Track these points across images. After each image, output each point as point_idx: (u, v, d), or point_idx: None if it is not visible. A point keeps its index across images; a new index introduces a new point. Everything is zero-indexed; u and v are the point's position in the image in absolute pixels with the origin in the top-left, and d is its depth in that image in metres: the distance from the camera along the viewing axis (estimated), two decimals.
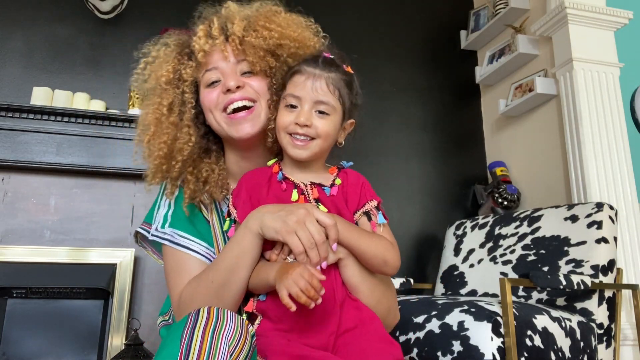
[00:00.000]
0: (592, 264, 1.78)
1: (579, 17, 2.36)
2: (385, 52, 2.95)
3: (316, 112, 0.94)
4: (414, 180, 2.83)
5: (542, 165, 2.56)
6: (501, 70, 2.79)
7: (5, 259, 2.12)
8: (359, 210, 0.96)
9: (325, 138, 0.95)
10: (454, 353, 1.46)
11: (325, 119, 0.94)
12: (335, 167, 1.02)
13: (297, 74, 0.96)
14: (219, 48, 1.01)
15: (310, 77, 0.94)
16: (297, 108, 0.94)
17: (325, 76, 0.95)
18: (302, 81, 0.94)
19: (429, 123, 2.96)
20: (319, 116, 0.94)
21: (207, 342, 0.68)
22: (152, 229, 1.03)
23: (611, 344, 1.76)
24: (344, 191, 0.98)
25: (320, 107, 0.94)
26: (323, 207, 0.94)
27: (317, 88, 0.93)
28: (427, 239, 2.76)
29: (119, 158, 2.23)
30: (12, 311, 2.12)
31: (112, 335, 2.13)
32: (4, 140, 2.13)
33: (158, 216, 1.04)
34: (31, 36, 2.42)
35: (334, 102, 0.95)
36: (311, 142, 0.94)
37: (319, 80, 0.94)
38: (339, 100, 0.96)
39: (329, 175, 1.00)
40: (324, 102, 0.94)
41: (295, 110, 0.94)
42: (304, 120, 0.92)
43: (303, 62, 0.97)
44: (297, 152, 0.95)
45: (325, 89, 0.94)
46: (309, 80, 0.94)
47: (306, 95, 0.94)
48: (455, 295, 2.13)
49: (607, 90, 2.34)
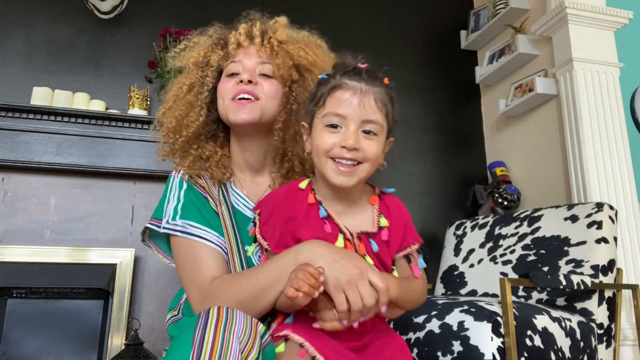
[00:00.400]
0: (592, 264, 1.78)
1: (579, 17, 2.36)
2: (385, 52, 2.95)
3: (362, 132, 0.85)
4: (414, 180, 2.83)
5: (542, 165, 2.56)
6: (501, 70, 2.79)
7: (5, 259, 2.12)
8: (400, 252, 0.91)
9: (373, 162, 0.86)
10: (454, 353, 1.46)
11: (373, 140, 0.85)
12: (376, 195, 0.95)
13: (339, 89, 0.86)
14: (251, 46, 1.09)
15: (357, 93, 0.85)
16: (340, 129, 0.85)
17: (373, 91, 0.86)
18: (347, 98, 0.85)
19: (429, 123, 2.96)
20: (366, 137, 0.85)
21: (218, 341, 0.69)
22: (163, 222, 1.05)
23: (611, 344, 1.76)
24: (394, 232, 0.91)
25: (367, 127, 0.85)
26: (370, 259, 0.88)
27: (365, 105, 0.84)
28: (427, 239, 2.74)
29: (119, 158, 2.23)
30: (12, 311, 2.12)
31: (112, 335, 2.13)
32: (4, 140, 2.13)
33: (168, 210, 1.06)
34: (31, 36, 2.42)
35: (382, 120, 0.86)
36: (358, 167, 0.85)
37: (366, 96, 0.85)
38: (385, 118, 0.87)
39: (369, 209, 0.92)
40: (372, 121, 0.85)
41: (339, 131, 0.85)
42: (353, 143, 0.83)
43: (343, 76, 0.87)
44: (342, 179, 0.85)
45: (374, 106, 0.85)
46: (355, 97, 0.85)
47: (353, 113, 0.84)
48: (455, 295, 2.13)
49: (607, 90, 2.34)
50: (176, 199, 1.06)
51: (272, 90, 1.06)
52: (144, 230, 1.11)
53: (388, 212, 0.93)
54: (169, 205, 1.06)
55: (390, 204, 0.94)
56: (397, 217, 0.93)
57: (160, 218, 1.06)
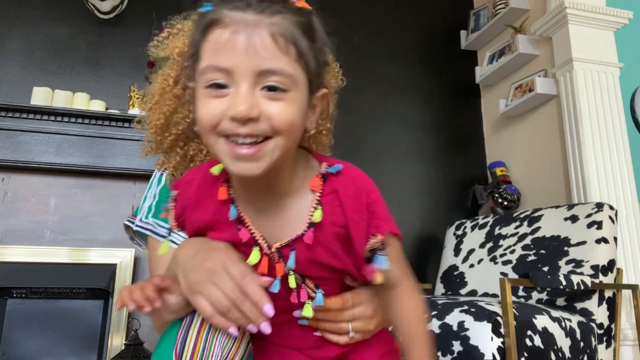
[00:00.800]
0: (592, 264, 1.78)
1: (579, 17, 2.36)
2: (385, 52, 2.95)
3: (263, 89, 0.56)
4: (414, 180, 2.83)
5: (542, 165, 2.56)
6: (501, 70, 2.79)
7: (5, 259, 2.12)
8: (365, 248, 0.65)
9: (288, 133, 0.58)
10: (454, 353, 1.45)
11: (281, 99, 0.57)
12: (319, 175, 0.66)
13: (215, 26, 0.57)
14: None
15: (242, 29, 0.55)
16: (227, 89, 0.57)
17: (268, 22, 0.56)
18: (227, 39, 0.55)
19: (429, 123, 2.96)
20: (270, 97, 0.56)
21: (200, 343, 0.67)
22: (137, 219, 1.04)
23: (611, 344, 1.76)
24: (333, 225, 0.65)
25: (268, 81, 0.56)
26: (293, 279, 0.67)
27: (256, 47, 0.55)
28: (427, 239, 2.75)
29: (119, 158, 2.23)
30: (12, 311, 2.12)
31: (112, 335, 2.13)
32: (4, 140, 2.13)
33: (143, 207, 1.04)
34: (31, 36, 2.42)
35: (290, 67, 0.57)
36: (265, 146, 0.57)
37: (257, 32, 0.55)
38: (298, 63, 0.58)
39: (306, 197, 0.65)
40: (273, 70, 0.56)
41: (225, 94, 0.57)
42: (246, 111, 0.55)
43: (222, 4, 0.58)
44: (243, 167, 0.58)
45: (272, 46, 0.56)
46: (239, 35, 0.55)
47: (240, 63, 0.55)
48: (455, 295, 2.13)
49: (607, 90, 2.34)
50: (152, 196, 1.04)
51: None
52: (126, 227, 1.09)
53: (337, 198, 0.65)
54: (145, 202, 1.05)
55: (341, 184, 0.65)
56: (352, 201, 0.64)
57: (137, 215, 1.05)
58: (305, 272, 0.68)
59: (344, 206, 0.64)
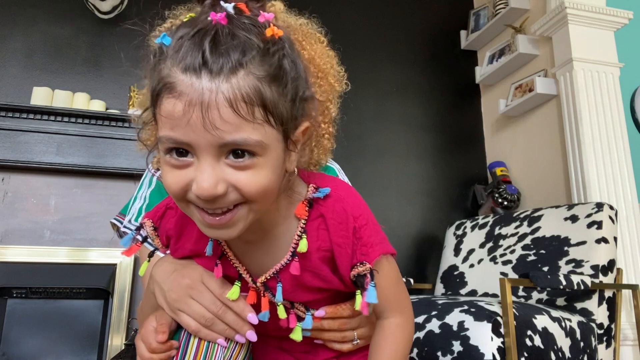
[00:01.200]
0: (592, 264, 1.78)
1: (579, 17, 2.36)
2: (385, 52, 2.95)
3: (229, 158, 0.51)
4: (414, 180, 2.83)
5: (542, 165, 2.56)
6: (501, 70, 2.79)
7: (5, 259, 2.12)
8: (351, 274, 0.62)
9: (261, 198, 0.53)
10: (454, 353, 1.45)
11: (250, 167, 0.51)
12: (304, 201, 0.62)
13: (166, 93, 0.50)
14: None
15: (196, 102, 0.48)
16: (190, 157, 0.51)
17: (225, 88, 0.48)
18: (180, 113, 0.48)
19: (429, 123, 2.96)
20: (237, 165, 0.51)
21: (203, 347, 0.67)
22: (125, 220, 1.02)
23: (611, 344, 1.76)
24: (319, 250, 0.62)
25: (234, 148, 0.50)
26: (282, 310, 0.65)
27: (214, 121, 0.48)
28: (427, 239, 2.76)
29: (119, 158, 2.23)
30: (12, 311, 2.12)
31: (112, 335, 2.13)
32: (4, 140, 2.13)
33: (133, 209, 1.03)
34: (31, 36, 2.42)
35: (257, 133, 0.50)
36: (237, 211, 0.53)
37: (213, 102, 0.48)
38: (267, 123, 0.51)
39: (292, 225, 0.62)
40: (237, 143, 0.49)
41: (188, 163, 0.51)
42: (209, 189, 0.50)
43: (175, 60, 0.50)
44: (217, 233, 0.55)
45: (232, 116, 0.48)
46: (193, 110, 0.48)
47: (198, 138, 0.49)
48: (455, 295, 2.13)
49: (607, 90, 2.34)
50: (143, 198, 1.02)
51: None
52: (112, 225, 1.07)
53: (324, 223, 0.61)
54: (135, 204, 1.03)
55: (329, 208, 0.61)
56: (338, 227, 0.60)
57: (125, 214, 1.04)
58: (294, 299, 0.67)
59: (330, 230, 0.61)
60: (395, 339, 0.66)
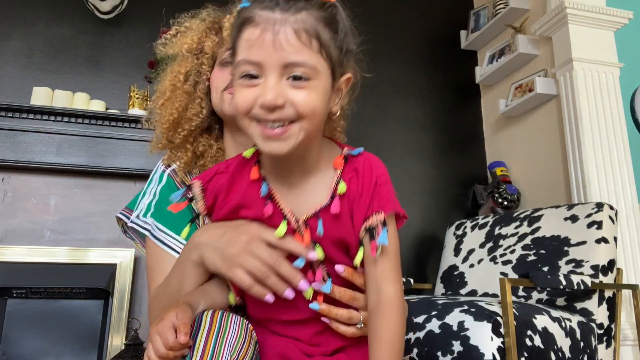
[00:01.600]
0: (592, 264, 1.78)
1: (579, 17, 2.36)
2: (385, 52, 2.95)
3: (289, 79, 0.64)
4: (414, 180, 2.83)
5: (542, 165, 2.56)
6: (501, 70, 2.79)
7: (5, 259, 2.12)
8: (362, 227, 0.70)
9: (312, 117, 0.65)
10: (454, 353, 1.45)
11: (305, 87, 0.64)
12: (341, 155, 0.74)
13: (247, 25, 0.65)
14: None
15: (269, 27, 0.63)
16: (258, 79, 0.64)
17: (292, 20, 0.63)
18: (257, 36, 0.63)
19: (429, 123, 2.96)
20: (295, 85, 0.64)
21: (209, 348, 0.67)
22: (133, 215, 1.02)
23: (611, 344, 1.76)
24: (350, 200, 0.71)
25: (293, 72, 0.64)
26: (320, 250, 0.72)
27: (281, 43, 0.63)
28: (427, 239, 2.76)
29: (119, 158, 2.23)
30: (12, 311, 2.12)
31: (112, 335, 2.13)
32: (4, 140, 2.13)
33: (142, 204, 1.02)
34: (31, 36, 2.42)
35: (313, 59, 0.64)
36: (291, 127, 0.65)
37: (282, 29, 0.63)
38: (320, 54, 0.65)
39: (330, 176, 0.73)
40: (297, 63, 0.63)
41: (257, 84, 0.64)
42: (272, 99, 0.63)
43: (255, 4, 0.66)
44: (272, 146, 0.66)
45: (296, 41, 0.63)
46: (267, 33, 0.63)
47: (268, 57, 0.63)
48: (455, 295, 2.13)
49: (607, 90, 2.34)
50: (152, 194, 1.01)
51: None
52: (118, 220, 1.07)
53: (356, 175, 0.72)
54: (144, 198, 1.02)
55: (360, 164, 0.73)
56: (365, 179, 0.71)
57: (132, 209, 1.03)
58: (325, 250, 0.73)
59: (359, 182, 0.71)
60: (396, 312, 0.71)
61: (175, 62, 1.05)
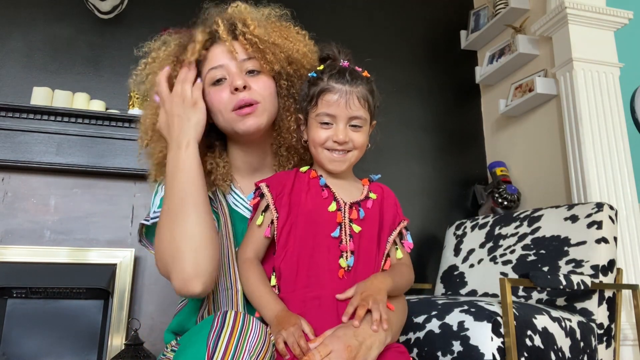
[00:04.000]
0: (592, 264, 1.78)
1: (579, 17, 2.36)
2: (385, 52, 2.95)
3: (350, 126, 0.99)
4: (414, 180, 2.83)
5: (542, 165, 2.56)
6: (501, 70, 2.79)
7: (5, 259, 2.12)
8: (395, 230, 1.05)
9: (361, 149, 1.02)
10: (454, 353, 1.45)
11: (359, 131, 1.00)
12: (367, 179, 1.09)
13: (327, 92, 0.99)
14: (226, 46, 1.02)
15: (343, 95, 0.98)
16: (331, 125, 0.99)
17: (356, 91, 0.99)
18: (335, 100, 0.98)
19: (429, 123, 2.96)
20: (353, 130, 1.00)
21: (232, 347, 0.70)
22: (150, 213, 1.03)
23: (611, 344, 1.76)
24: (380, 208, 1.03)
25: (354, 122, 0.99)
26: (357, 226, 0.99)
27: (350, 105, 0.98)
28: (427, 239, 2.76)
29: (119, 158, 2.23)
30: (12, 311, 2.12)
31: (112, 335, 2.13)
32: (4, 140, 2.13)
33: (155, 200, 1.04)
34: (31, 36, 2.42)
35: (365, 115, 1.01)
36: (348, 155, 1.01)
37: (351, 97, 0.98)
38: (368, 111, 1.02)
39: (361, 186, 1.07)
40: (357, 117, 0.99)
41: (330, 127, 0.99)
42: (343, 138, 0.98)
43: (330, 79, 1.00)
44: (335, 165, 1.01)
45: (358, 104, 0.99)
46: (342, 99, 0.98)
47: (341, 113, 0.98)
48: (455, 295, 2.13)
49: (607, 90, 2.34)
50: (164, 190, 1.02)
51: (267, 89, 1.04)
52: (140, 228, 1.08)
53: (381, 192, 1.07)
54: (157, 196, 1.04)
55: (383, 187, 1.09)
56: (389, 196, 1.08)
57: None
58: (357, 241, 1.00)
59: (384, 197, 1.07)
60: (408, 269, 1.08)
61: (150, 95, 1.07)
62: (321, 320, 0.89)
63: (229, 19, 1.05)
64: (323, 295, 0.92)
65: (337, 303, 0.92)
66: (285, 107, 1.07)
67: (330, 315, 0.90)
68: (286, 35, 1.07)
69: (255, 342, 0.73)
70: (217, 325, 0.73)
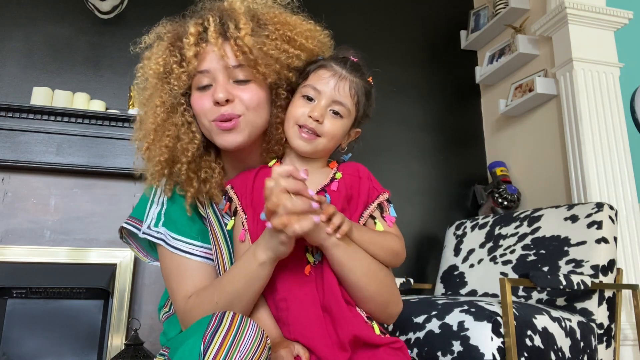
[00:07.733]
0: (592, 264, 1.78)
1: (579, 17, 2.36)
2: (385, 52, 2.95)
3: (331, 111, 0.93)
4: (414, 180, 2.83)
5: (542, 165, 2.56)
6: (501, 70, 2.79)
7: (5, 259, 2.12)
8: (372, 203, 0.95)
9: (330, 139, 0.94)
10: (454, 353, 1.46)
11: (337, 120, 0.94)
12: (335, 161, 1.02)
13: (323, 68, 0.95)
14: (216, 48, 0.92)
15: (336, 76, 0.94)
16: (313, 102, 0.93)
17: (350, 79, 0.95)
18: (326, 77, 0.94)
19: (429, 123, 2.96)
20: (332, 116, 0.93)
21: (224, 348, 0.71)
22: (144, 226, 1.00)
23: (611, 344, 1.76)
24: (346, 185, 0.95)
25: (336, 107, 0.93)
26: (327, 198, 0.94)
27: (339, 88, 0.93)
28: (427, 239, 2.76)
29: (119, 158, 2.23)
30: (12, 311, 2.12)
31: (112, 335, 2.13)
32: (4, 140, 2.13)
33: (151, 213, 1.01)
34: (31, 36, 2.42)
35: (350, 105, 0.94)
36: (316, 139, 0.93)
37: (343, 80, 0.94)
38: (355, 106, 0.96)
39: (329, 170, 0.99)
40: (341, 103, 0.93)
41: (311, 104, 0.93)
42: (317, 115, 0.91)
43: (331, 59, 0.97)
44: (300, 143, 0.93)
45: (347, 92, 0.94)
46: (333, 79, 0.93)
47: (327, 91, 0.93)
48: (455, 295, 2.13)
49: (607, 90, 2.34)
50: (160, 203, 1.01)
51: (254, 100, 0.94)
52: (121, 229, 1.05)
53: (349, 167, 1.00)
54: (152, 208, 1.02)
55: (351, 164, 1.01)
56: (359, 172, 0.99)
57: (141, 219, 1.02)
58: None
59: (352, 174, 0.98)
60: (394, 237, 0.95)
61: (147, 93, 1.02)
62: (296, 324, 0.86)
63: (221, 16, 0.95)
64: (289, 297, 0.87)
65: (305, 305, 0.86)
66: (279, 118, 0.98)
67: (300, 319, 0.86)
68: (289, 37, 0.97)
69: (249, 344, 0.72)
70: (214, 325, 0.73)
